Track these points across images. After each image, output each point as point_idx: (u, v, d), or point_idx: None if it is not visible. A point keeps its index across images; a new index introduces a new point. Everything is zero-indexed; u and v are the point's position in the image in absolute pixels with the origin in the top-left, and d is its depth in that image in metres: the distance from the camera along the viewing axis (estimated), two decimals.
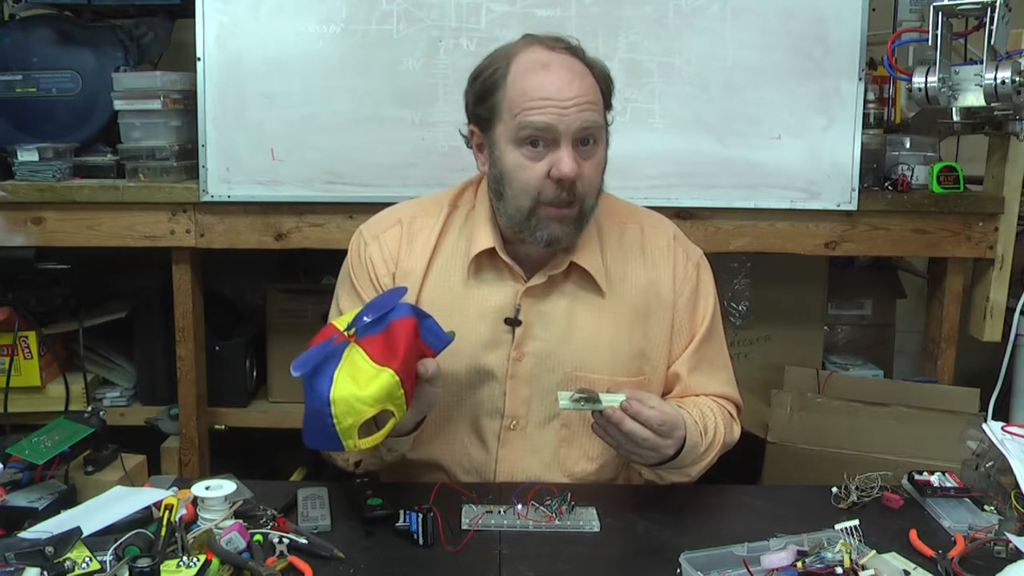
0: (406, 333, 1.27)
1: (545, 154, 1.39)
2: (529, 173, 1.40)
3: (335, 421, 1.22)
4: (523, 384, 1.49)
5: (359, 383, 1.23)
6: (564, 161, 1.37)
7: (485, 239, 1.48)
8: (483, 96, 1.44)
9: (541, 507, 1.34)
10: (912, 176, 2.20)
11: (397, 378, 1.24)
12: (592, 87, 1.42)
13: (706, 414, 1.48)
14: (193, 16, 2.08)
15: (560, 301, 1.50)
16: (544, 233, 1.42)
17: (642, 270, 1.54)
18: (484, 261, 1.50)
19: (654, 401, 1.34)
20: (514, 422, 1.50)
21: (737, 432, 1.55)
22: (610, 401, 1.32)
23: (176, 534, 1.17)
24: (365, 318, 1.30)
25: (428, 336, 1.32)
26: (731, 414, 1.56)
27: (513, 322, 1.48)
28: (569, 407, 1.33)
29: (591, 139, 1.41)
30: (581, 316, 1.50)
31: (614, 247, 1.54)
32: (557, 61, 1.41)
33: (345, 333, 1.29)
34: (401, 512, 1.28)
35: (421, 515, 1.25)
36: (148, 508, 1.26)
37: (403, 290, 1.37)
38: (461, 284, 1.50)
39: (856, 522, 1.21)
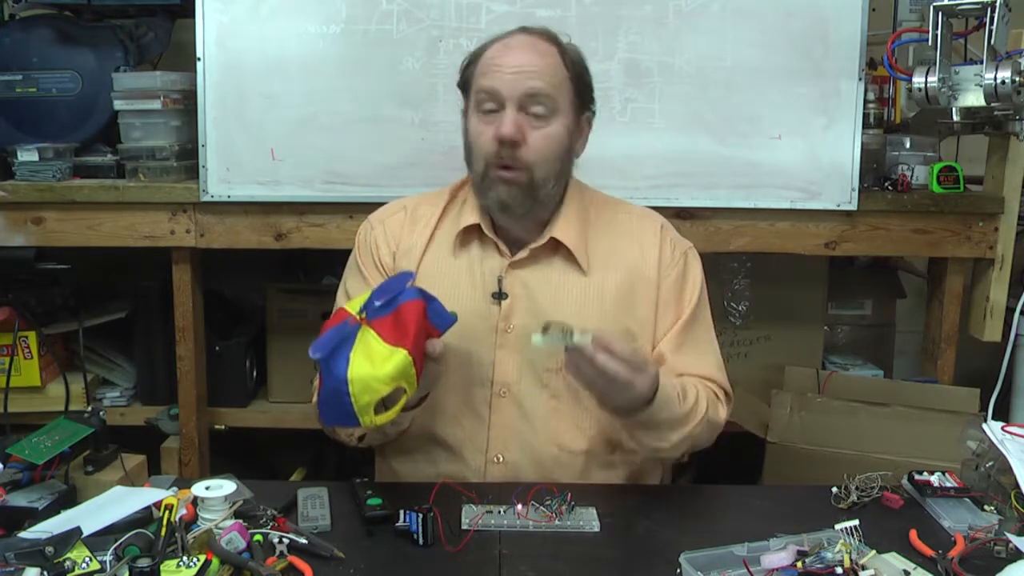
0: (415, 315, 1.33)
1: (496, 119, 1.47)
2: (483, 137, 1.49)
3: (352, 399, 1.28)
4: (511, 354, 1.54)
5: (374, 363, 1.29)
6: (504, 121, 1.45)
7: (471, 216, 1.57)
8: (463, 69, 1.56)
9: (541, 507, 1.34)
10: (912, 176, 2.20)
11: (410, 358, 1.30)
12: (548, 65, 1.48)
13: (687, 385, 1.49)
14: (193, 16, 2.08)
15: (545, 277, 1.56)
16: (493, 195, 1.50)
17: (628, 251, 1.59)
18: (474, 238, 1.58)
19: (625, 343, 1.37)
20: (504, 389, 1.54)
21: (723, 414, 1.56)
22: (582, 338, 1.34)
23: (176, 534, 1.17)
24: (376, 302, 1.35)
25: (434, 317, 1.38)
26: (717, 395, 1.57)
27: (499, 295, 1.54)
28: (541, 343, 1.35)
29: (542, 109, 1.47)
30: (566, 292, 1.56)
31: (601, 229, 1.60)
32: (524, 40, 1.51)
33: (357, 316, 1.35)
34: (401, 512, 1.28)
35: (421, 515, 1.26)
36: (148, 508, 1.26)
37: (410, 274, 1.44)
38: (451, 259, 1.58)
39: (856, 522, 1.22)
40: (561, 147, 1.51)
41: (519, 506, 1.34)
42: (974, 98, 1.85)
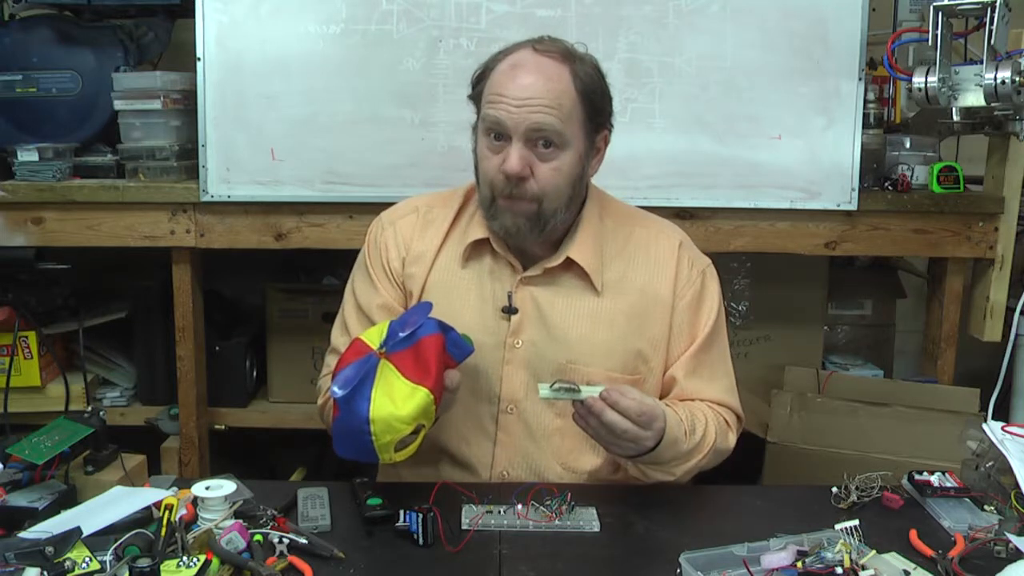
0: (436, 350, 1.32)
1: (503, 148, 1.44)
2: (488, 163, 1.47)
3: (374, 439, 1.29)
4: (519, 370, 1.52)
5: (396, 402, 1.29)
6: (510, 157, 1.42)
7: (480, 229, 1.54)
8: (474, 85, 1.52)
9: (541, 507, 1.34)
10: (912, 176, 2.20)
11: (432, 396, 1.30)
12: (558, 92, 1.42)
13: (696, 416, 1.48)
14: (193, 16, 2.08)
15: (557, 294, 1.54)
16: (499, 222, 1.48)
17: (643, 271, 1.56)
18: (485, 250, 1.55)
19: (634, 393, 1.36)
20: (511, 406, 1.53)
21: (732, 441, 1.55)
22: (590, 392, 1.34)
23: (176, 534, 1.17)
24: (400, 333, 1.34)
25: (452, 348, 1.37)
26: (727, 422, 1.56)
27: (509, 310, 1.52)
28: (549, 396, 1.36)
29: (550, 143, 1.43)
30: (577, 311, 1.53)
31: (617, 247, 1.57)
32: (532, 63, 1.44)
33: (377, 351, 1.34)
34: (401, 512, 1.28)
35: (421, 515, 1.26)
36: (148, 508, 1.26)
37: (429, 305, 1.41)
38: (461, 270, 1.55)
39: (856, 522, 1.22)
40: (572, 176, 1.47)
41: (519, 506, 1.34)
42: (974, 98, 1.85)
